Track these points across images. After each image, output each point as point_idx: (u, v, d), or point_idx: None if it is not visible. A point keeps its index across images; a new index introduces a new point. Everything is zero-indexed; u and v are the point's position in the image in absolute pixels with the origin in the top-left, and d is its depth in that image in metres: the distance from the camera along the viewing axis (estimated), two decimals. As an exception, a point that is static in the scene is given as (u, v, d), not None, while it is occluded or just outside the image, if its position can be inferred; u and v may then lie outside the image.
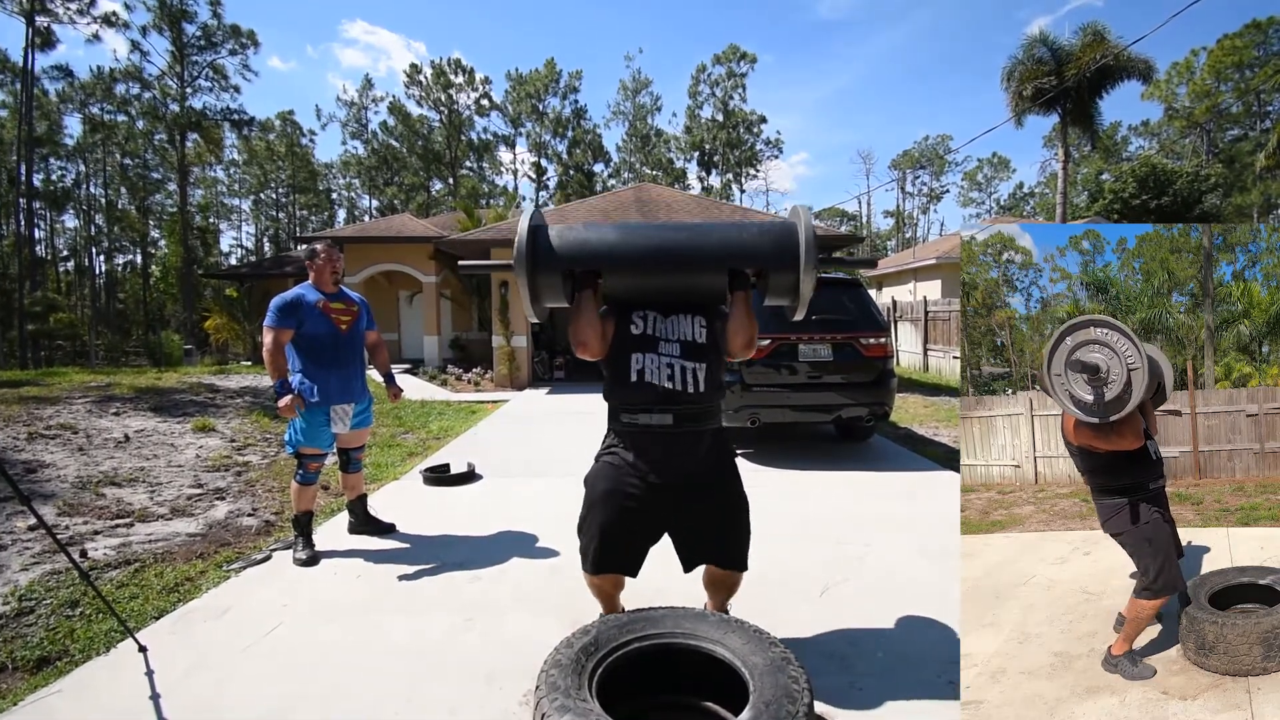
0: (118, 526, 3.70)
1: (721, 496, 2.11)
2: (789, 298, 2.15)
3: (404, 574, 2.97)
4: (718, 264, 2.06)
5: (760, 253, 2.06)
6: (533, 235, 2.04)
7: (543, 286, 2.08)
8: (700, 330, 2.10)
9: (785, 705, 1.46)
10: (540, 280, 2.06)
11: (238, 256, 44.94)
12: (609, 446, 2.09)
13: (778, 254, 2.04)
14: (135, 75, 30.99)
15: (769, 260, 2.06)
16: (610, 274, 2.08)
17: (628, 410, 2.04)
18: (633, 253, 2.06)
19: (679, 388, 2.00)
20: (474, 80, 40.49)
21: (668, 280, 2.12)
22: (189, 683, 2.08)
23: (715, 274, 2.07)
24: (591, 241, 2.08)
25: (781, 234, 2.07)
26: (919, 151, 49.77)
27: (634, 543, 2.07)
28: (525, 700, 1.96)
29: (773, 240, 2.07)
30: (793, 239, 2.03)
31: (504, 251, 10.92)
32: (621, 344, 2.08)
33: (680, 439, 2.02)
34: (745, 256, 2.07)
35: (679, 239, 2.10)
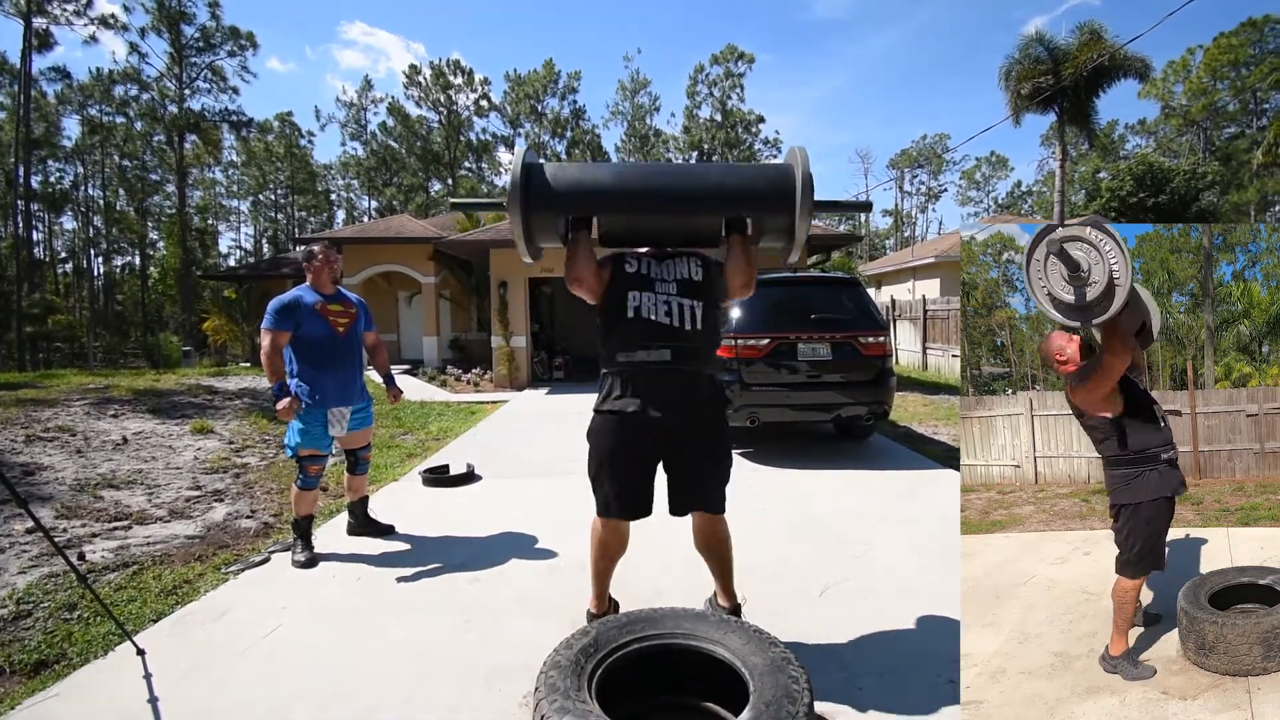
0: (115, 529, 3.69)
1: (712, 439, 2.14)
2: (784, 239, 2.15)
3: (403, 575, 2.97)
4: (713, 205, 2.06)
5: (756, 194, 2.06)
6: (527, 173, 2.03)
7: (536, 225, 2.08)
8: (696, 269, 2.10)
9: (785, 705, 1.45)
10: (534, 219, 2.05)
11: (236, 258, 44.91)
12: (606, 395, 2.10)
13: (774, 196, 2.03)
14: (134, 77, 30.98)
15: (765, 202, 2.04)
16: (605, 215, 2.09)
17: (625, 349, 2.04)
18: (628, 193, 2.06)
19: (676, 324, 2.01)
20: (473, 81, 40.48)
21: (663, 221, 2.13)
22: (187, 685, 2.07)
23: (710, 216, 2.07)
24: (586, 181, 2.09)
25: (778, 176, 2.06)
26: (917, 150, 49.80)
27: (644, 487, 2.11)
28: (525, 702, 1.95)
29: (769, 182, 2.06)
30: (789, 181, 2.01)
31: (503, 251, 10.93)
32: (618, 284, 2.08)
33: (678, 376, 2.03)
34: (741, 198, 2.07)
35: (675, 180, 2.10)
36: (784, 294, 5.46)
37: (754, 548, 3.16)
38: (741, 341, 5.09)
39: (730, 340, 5.06)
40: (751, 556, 3.03)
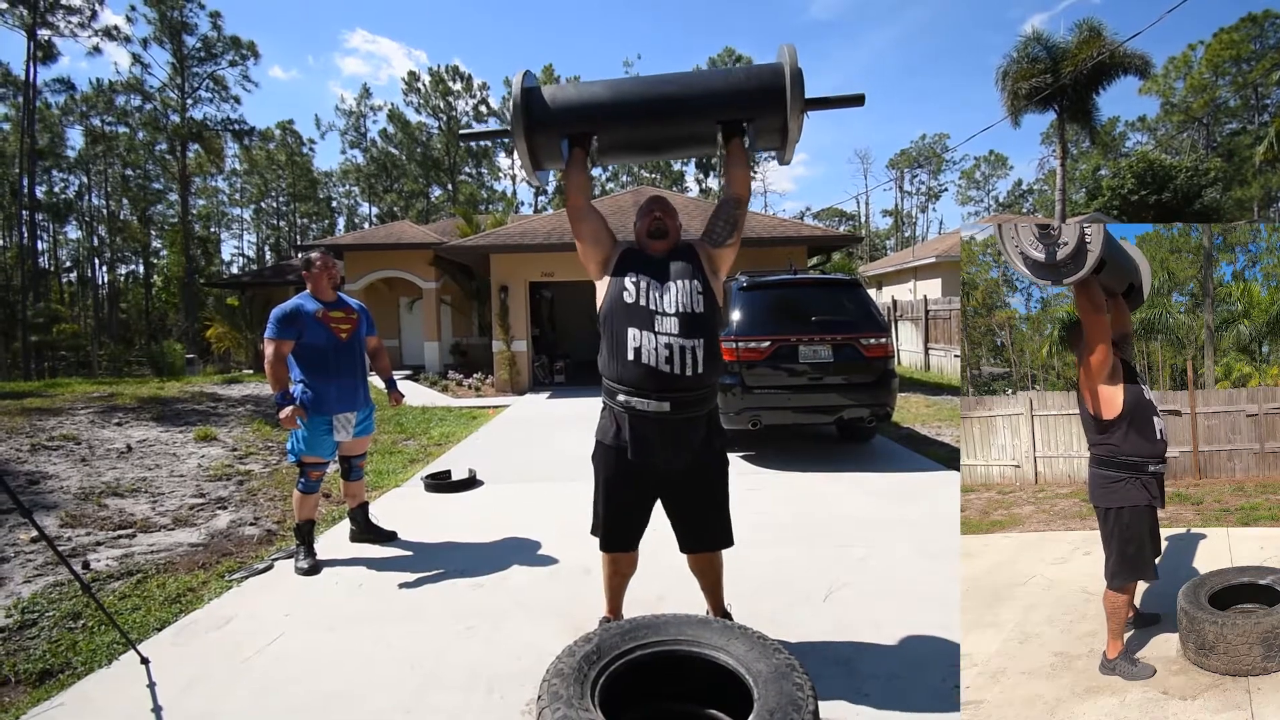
0: (120, 537, 3.70)
1: (711, 484, 2.16)
2: (777, 139, 2.18)
3: (405, 582, 2.97)
4: (706, 108, 2.10)
5: (746, 93, 2.07)
6: (527, 96, 2.07)
7: (540, 147, 2.13)
8: (698, 297, 2.04)
9: (790, 712, 1.45)
10: (537, 139, 2.10)
11: (239, 265, 45.11)
12: (605, 430, 2.12)
13: (764, 95, 2.04)
14: (136, 87, 31.16)
15: (756, 101, 2.06)
16: (603, 129, 2.14)
17: (624, 390, 2.03)
18: (625, 104, 2.11)
19: (678, 371, 1.98)
20: (471, 86, 40.65)
21: (659, 131, 2.19)
22: (191, 694, 2.08)
23: (705, 120, 2.11)
24: (584, 97, 2.13)
25: (769, 75, 2.06)
26: (916, 150, 49.79)
27: (638, 523, 2.18)
28: (527, 709, 1.95)
29: (760, 82, 2.07)
30: (779, 79, 2.02)
31: (503, 256, 10.95)
32: (620, 317, 2.05)
33: (676, 426, 2.02)
34: (732, 98, 2.09)
35: (668, 89, 2.12)
36: (785, 296, 5.46)
37: (756, 551, 3.16)
38: (742, 344, 5.09)
39: (731, 343, 5.06)
40: (754, 560, 3.03)
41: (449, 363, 14.03)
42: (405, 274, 14.22)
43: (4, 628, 2.59)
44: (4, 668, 2.27)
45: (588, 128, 2.13)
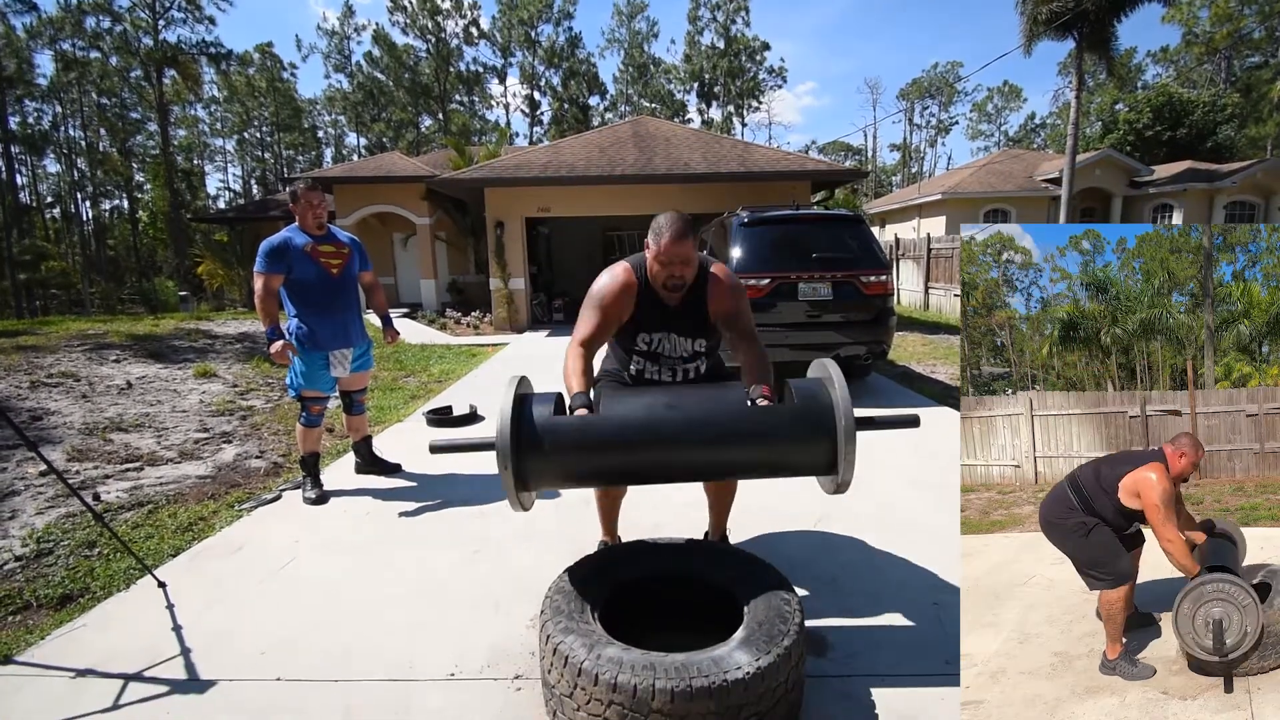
0: (128, 470, 3.77)
1: None
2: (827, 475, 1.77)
3: (411, 511, 3.06)
4: (744, 470, 1.81)
5: (792, 465, 1.73)
6: (517, 428, 1.64)
7: (532, 473, 1.67)
8: (700, 344, 2.21)
9: (777, 624, 1.53)
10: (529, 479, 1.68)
11: (225, 200, 43.93)
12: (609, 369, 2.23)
13: (813, 456, 1.70)
14: (104, 8, 29.34)
15: (804, 466, 1.73)
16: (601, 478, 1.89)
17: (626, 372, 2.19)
18: (640, 468, 1.73)
19: (679, 381, 2.16)
20: (461, 5, 38.36)
21: None
22: (209, 614, 2.17)
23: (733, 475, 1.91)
24: (589, 444, 1.67)
25: (816, 421, 1.69)
26: (928, 80, 47.80)
27: None
28: (532, 624, 2.05)
29: (810, 454, 1.70)
30: (828, 418, 1.67)
31: (497, 190, 10.66)
32: (626, 346, 2.16)
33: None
34: (779, 467, 1.75)
35: (693, 437, 1.68)
36: (786, 233, 5.36)
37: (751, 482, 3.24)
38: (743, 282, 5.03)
39: (731, 280, 5.00)
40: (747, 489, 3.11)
41: (446, 301, 13.92)
42: (398, 209, 13.85)
43: (21, 556, 2.67)
44: (25, 593, 2.35)
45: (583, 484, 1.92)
